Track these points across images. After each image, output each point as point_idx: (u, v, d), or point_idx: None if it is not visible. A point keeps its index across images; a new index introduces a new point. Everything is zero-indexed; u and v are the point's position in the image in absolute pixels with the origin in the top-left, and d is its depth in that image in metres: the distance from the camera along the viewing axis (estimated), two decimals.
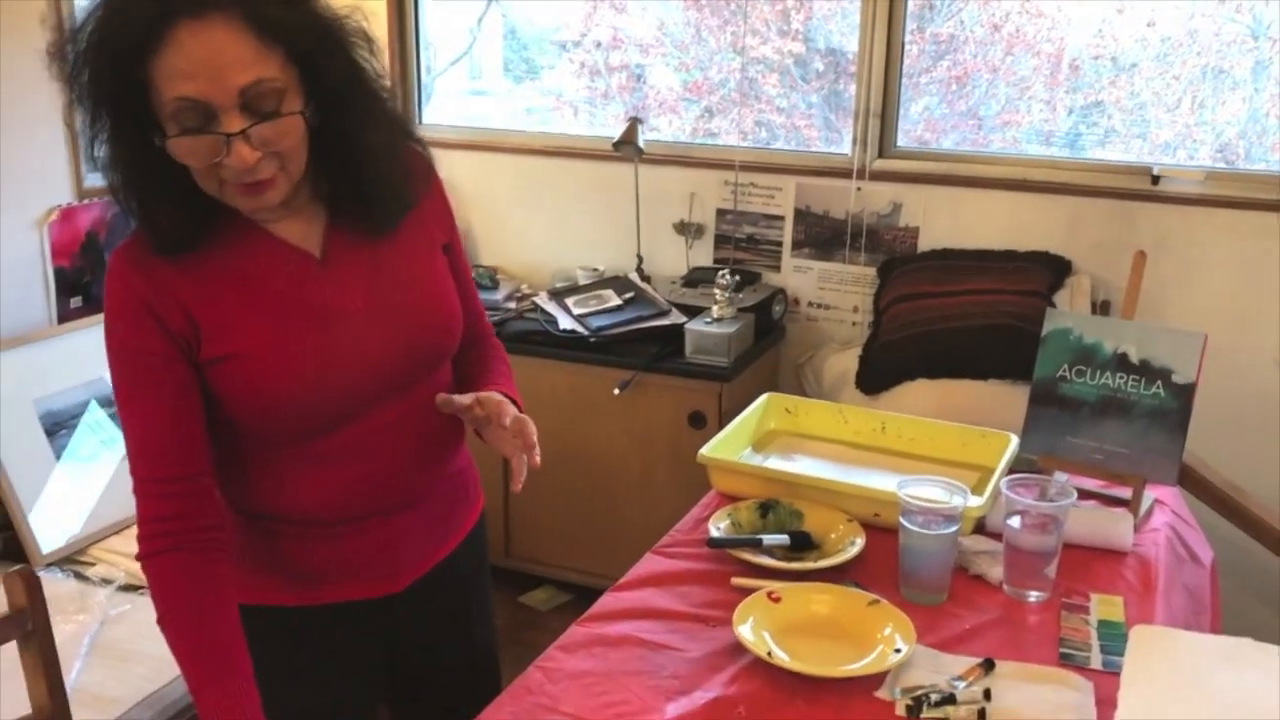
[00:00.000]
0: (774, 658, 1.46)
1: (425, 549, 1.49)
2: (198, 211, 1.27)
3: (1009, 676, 1.47)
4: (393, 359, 1.37)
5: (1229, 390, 2.89)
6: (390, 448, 1.39)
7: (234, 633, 1.29)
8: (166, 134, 1.19)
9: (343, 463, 1.37)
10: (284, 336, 1.31)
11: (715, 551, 1.77)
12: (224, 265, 1.31)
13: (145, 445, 1.29)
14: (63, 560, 2.55)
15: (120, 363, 1.29)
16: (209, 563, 1.30)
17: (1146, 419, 1.85)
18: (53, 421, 2.65)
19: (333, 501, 1.38)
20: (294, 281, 1.33)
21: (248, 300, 1.31)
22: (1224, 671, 1.37)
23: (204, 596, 1.29)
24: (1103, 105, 3.12)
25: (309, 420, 1.33)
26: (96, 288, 2.92)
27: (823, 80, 3.38)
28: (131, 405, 1.29)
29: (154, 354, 1.28)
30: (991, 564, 1.72)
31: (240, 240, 1.32)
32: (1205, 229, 2.90)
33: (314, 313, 1.33)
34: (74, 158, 2.82)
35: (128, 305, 1.27)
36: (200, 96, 1.17)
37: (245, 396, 1.30)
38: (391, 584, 1.46)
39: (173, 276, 1.28)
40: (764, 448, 2.12)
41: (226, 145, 1.19)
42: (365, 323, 1.35)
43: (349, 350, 1.33)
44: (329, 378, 1.32)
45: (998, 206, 3.08)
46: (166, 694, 2.16)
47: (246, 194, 1.25)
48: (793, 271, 3.33)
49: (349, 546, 1.41)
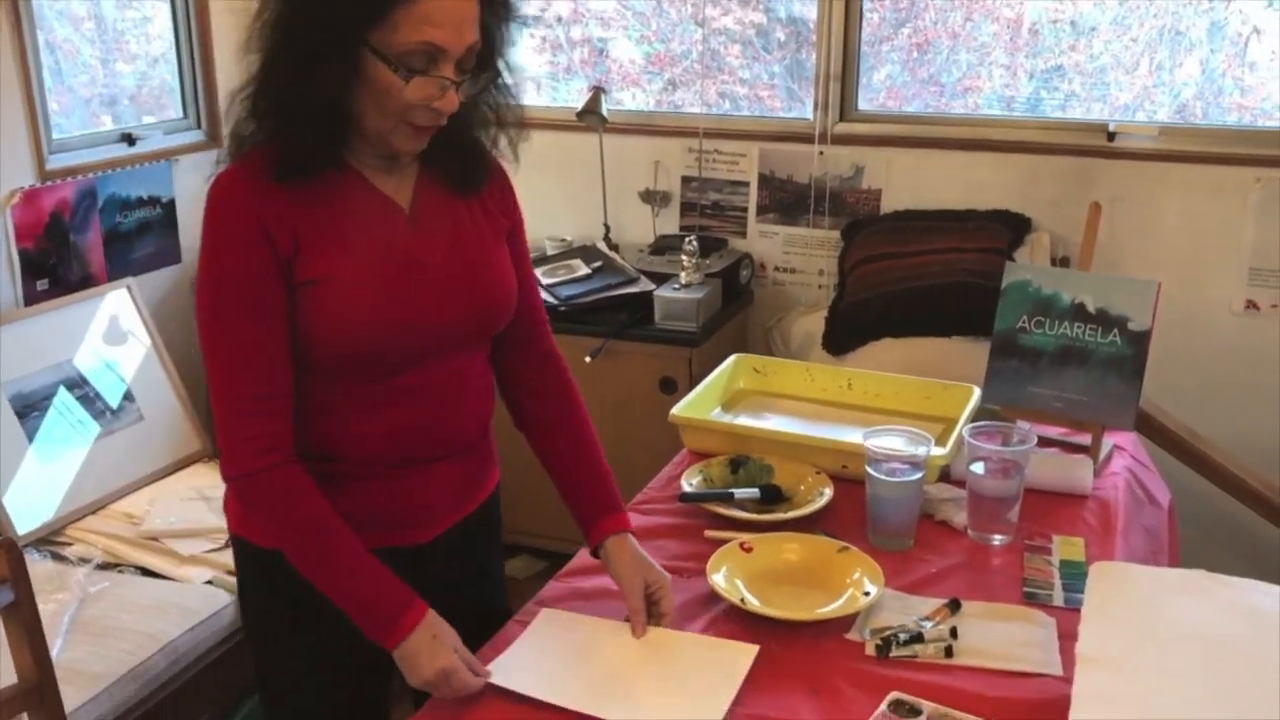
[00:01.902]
0: (747, 604, 1.50)
1: (454, 503, 1.55)
2: (331, 143, 1.36)
3: (974, 615, 1.52)
4: (458, 317, 1.45)
5: (1185, 341, 2.95)
6: (438, 400, 1.46)
7: (349, 531, 1.36)
8: (392, 68, 1.28)
9: (395, 408, 1.43)
10: (369, 275, 1.38)
11: (688, 506, 1.80)
12: (327, 202, 1.38)
13: (249, 362, 1.34)
14: (38, 541, 2.56)
15: (225, 281, 1.34)
16: (302, 472, 1.37)
17: (1104, 366, 1.90)
18: (23, 404, 2.65)
19: (380, 444, 1.44)
20: (384, 230, 1.41)
21: (343, 237, 1.38)
22: (1179, 601, 1.42)
23: (320, 505, 1.35)
24: (1063, 69, 3.16)
25: (375, 358, 1.40)
26: (63, 269, 2.91)
27: (785, 50, 3.40)
28: (234, 324, 1.34)
29: (262, 272, 1.33)
30: (956, 510, 1.77)
31: (342, 184, 1.39)
32: (1161, 184, 2.96)
33: (398, 261, 1.41)
34: (35, 139, 2.81)
35: (240, 224, 1.33)
36: (443, 45, 1.29)
37: (325, 323, 1.36)
38: (421, 533, 1.52)
39: (284, 199, 1.34)
40: (734, 407, 2.15)
41: (443, 90, 1.31)
42: (440, 280, 1.43)
43: (423, 301, 1.41)
44: (401, 322, 1.39)
45: (958, 167, 3.12)
46: (150, 667, 2.18)
47: (417, 136, 1.36)
48: (758, 237, 3.36)
49: (387, 492, 1.46)
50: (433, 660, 1.33)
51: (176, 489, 2.77)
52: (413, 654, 1.34)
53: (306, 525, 1.35)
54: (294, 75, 1.30)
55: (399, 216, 1.43)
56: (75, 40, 3.04)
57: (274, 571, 1.41)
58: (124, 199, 3.07)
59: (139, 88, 3.26)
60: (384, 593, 1.35)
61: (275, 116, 1.33)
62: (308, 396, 1.40)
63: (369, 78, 1.30)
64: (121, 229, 3.08)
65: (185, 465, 2.93)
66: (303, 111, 1.31)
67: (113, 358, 2.89)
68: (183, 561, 2.48)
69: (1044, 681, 1.38)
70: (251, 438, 1.34)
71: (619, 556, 1.51)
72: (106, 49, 3.14)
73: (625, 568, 1.49)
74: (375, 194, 1.41)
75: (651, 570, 1.51)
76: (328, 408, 1.41)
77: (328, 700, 1.52)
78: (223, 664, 2.33)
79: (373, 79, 1.30)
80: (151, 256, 3.19)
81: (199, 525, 2.58)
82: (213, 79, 3.33)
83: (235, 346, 1.34)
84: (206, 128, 3.36)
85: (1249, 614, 1.39)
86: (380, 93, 1.30)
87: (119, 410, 2.84)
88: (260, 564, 1.47)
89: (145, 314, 3.02)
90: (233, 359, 1.34)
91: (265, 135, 1.35)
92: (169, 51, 3.28)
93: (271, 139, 1.34)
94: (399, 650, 1.34)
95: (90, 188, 2.97)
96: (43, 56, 2.84)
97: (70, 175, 2.91)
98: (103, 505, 2.70)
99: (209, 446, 3.03)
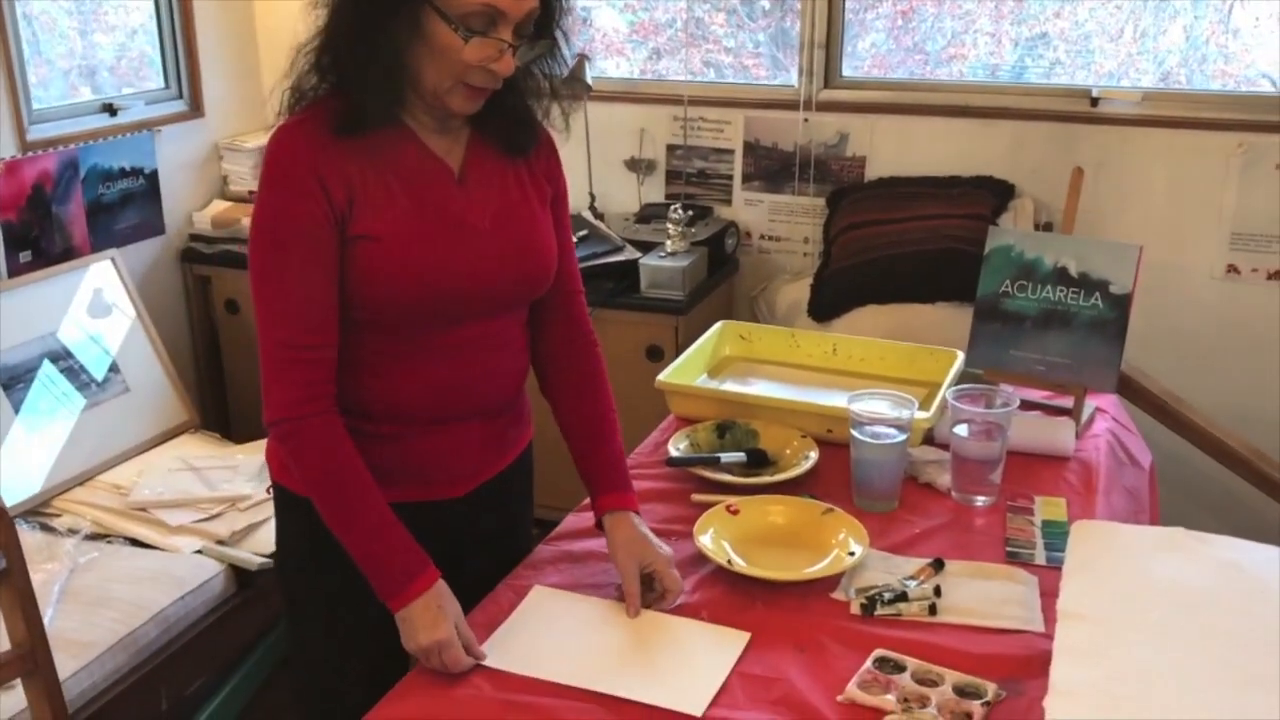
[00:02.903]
0: (733, 565, 1.52)
1: (488, 459, 1.58)
2: (391, 101, 1.39)
3: (958, 574, 1.54)
4: (500, 280, 1.48)
5: (1167, 305, 2.98)
6: (476, 359, 1.50)
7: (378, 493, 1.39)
8: (453, 27, 1.32)
9: (433, 366, 1.46)
10: (420, 233, 1.41)
11: (675, 471, 1.82)
12: (381, 160, 1.40)
13: (300, 310, 1.37)
14: (27, 513, 2.56)
15: (281, 229, 1.36)
16: (341, 425, 1.40)
17: (1086, 329, 1.92)
18: (8, 376, 2.64)
19: (418, 402, 1.47)
20: (436, 191, 1.44)
21: (394, 195, 1.41)
22: (1159, 558, 1.44)
23: (352, 458, 1.39)
24: (1047, 37, 3.16)
25: (417, 315, 1.43)
26: (45, 241, 2.89)
27: (769, 18, 3.39)
28: (285, 272, 1.36)
29: (316, 222, 1.36)
30: (940, 472, 1.79)
31: (397, 141, 1.42)
32: (1143, 149, 2.97)
33: (449, 222, 1.44)
34: (15, 110, 2.79)
35: (299, 175, 1.36)
36: (504, 8, 1.32)
37: (372, 279, 1.39)
38: (455, 488, 1.55)
39: (341, 154, 1.37)
40: (719, 373, 2.17)
41: (501, 53, 1.34)
42: (484, 243, 1.46)
43: (470, 262, 1.44)
44: (445, 282, 1.42)
45: (942, 134, 3.13)
46: (140, 636, 2.19)
47: (472, 97, 1.39)
48: (744, 205, 3.37)
49: (422, 449, 1.50)
50: (431, 630, 1.34)
51: (164, 460, 2.77)
52: (413, 619, 1.36)
53: (336, 477, 1.38)
54: (359, 31, 1.33)
55: (449, 177, 1.46)
56: (52, 11, 3.01)
57: (313, 522, 1.43)
58: (106, 170, 3.06)
59: (118, 59, 3.23)
60: (399, 554, 1.38)
61: (338, 71, 1.36)
62: (348, 352, 1.42)
63: (429, 36, 1.33)
64: (104, 200, 3.06)
65: (172, 436, 2.93)
66: (366, 67, 1.34)
67: (97, 330, 2.88)
68: (171, 531, 2.48)
69: (1026, 638, 1.40)
70: (296, 384, 1.37)
71: (614, 535, 1.52)
72: (84, 20, 3.11)
73: (619, 549, 1.50)
74: (427, 154, 1.44)
75: (648, 551, 1.49)
76: (367, 364, 1.44)
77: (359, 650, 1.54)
78: (213, 633, 2.34)
79: (433, 38, 1.33)
80: (135, 228, 3.17)
81: (187, 495, 2.59)
82: (194, 49, 3.31)
83: (286, 293, 1.36)
84: (189, 98, 3.34)
85: (1226, 569, 1.42)
86: (439, 52, 1.33)
87: (104, 382, 2.84)
88: (299, 512, 1.49)
89: (129, 285, 3.01)
90: (284, 305, 1.37)
91: (327, 89, 1.38)
92: (148, 22, 3.25)
93: (332, 94, 1.38)
94: (401, 613, 1.36)
95: (72, 159, 2.95)
96: (20, 28, 2.82)
97: (51, 146, 2.89)
98: (90, 477, 2.70)
99: (195, 417, 3.03)
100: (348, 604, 1.50)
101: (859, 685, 1.31)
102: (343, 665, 1.56)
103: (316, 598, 1.56)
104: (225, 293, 3.36)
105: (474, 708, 1.30)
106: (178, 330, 3.36)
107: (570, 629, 1.44)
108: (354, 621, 1.52)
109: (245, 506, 2.57)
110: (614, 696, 1.31)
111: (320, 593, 1.55)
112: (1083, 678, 1.22)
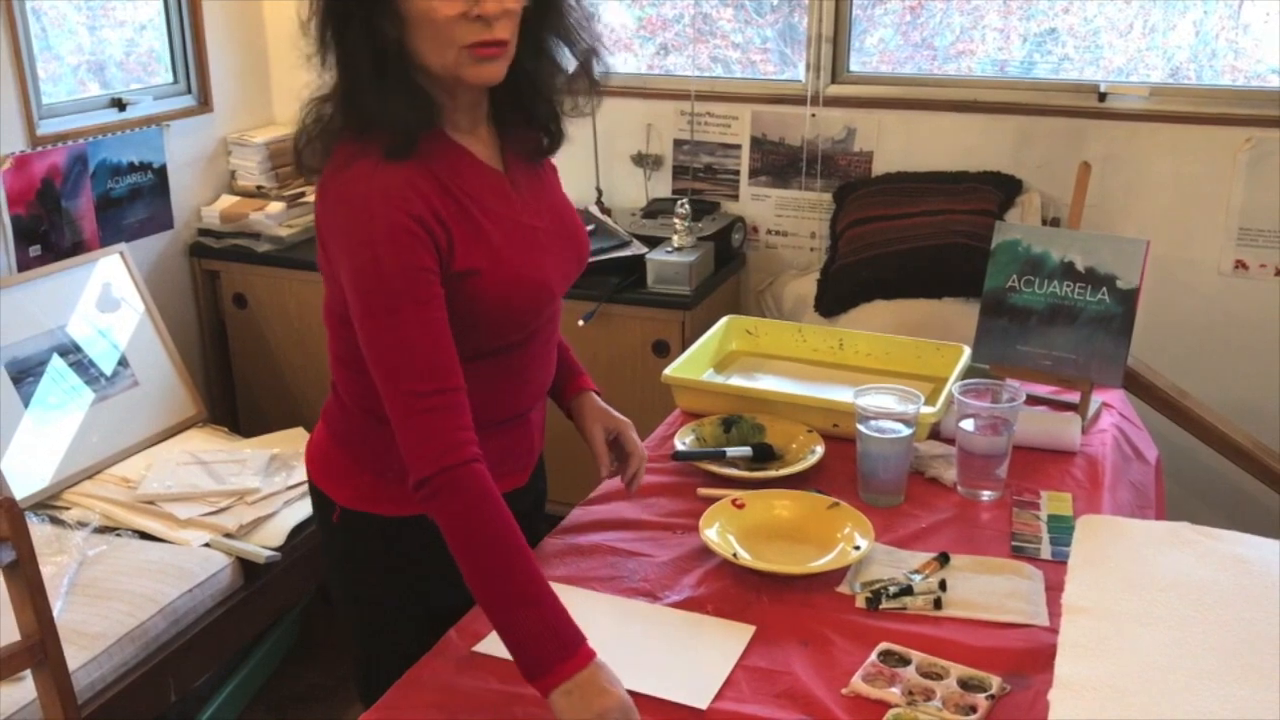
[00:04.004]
0: (739, 559, 1.52)
1: (540, 440, 1.63)
2: (423, 107, 1.34)
3: (963, 569, 1.54)
4: (568, 273, 1.51)
5: (1174, 301, 2.97)
6: (541, 356, 1.52)
7: (530, 552, 1.30)
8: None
9: (507, 372, 1.47)
10: (510, 251, 1.39)
11: (681, 465, 1.82)
12: (447, 181, 1.36)
13: (427, 359, 1.29)
14: (36, 506, 2.57)
15: (389, 285, 1.28)
16: (488, 474, 1.30)
17: (1092, 324, 1.92)
18: (17, 370, 2.66)
19: (493, 409, 1.46)
20: (500, 199, 1.42)
21: (479, 220, 1.38)
22: (1164, 552, 1.44)
23: (505, 513, 1.28)
24: (1056, 32, 3.16)
25: (520, 330, 1.44)
26: (54, 235, 2.90)
27: (778, 14, 3.39)
28: (404, 328, 1.28)
29: (426, 268, 1.30)
30: (946, 467, 1.79)
31: (446, 156, 1.38)
32: (1151, 144, 2.96)
33: (523, 231, 1.43)
34: (25, 105, 2.80)
35: (399, 220, 1.29)
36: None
37: (482, 312, 1.37)
38: (520, 476, 1.58)
39: (423, 186, 1.32)
40: (726, 368, 2.17)
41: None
42: (549, 241, 1.46)
43: (547, 264, 1.45)
44: (541, 290, 1.43)
45: (949, 129, 3.12)
46: (149, 628, 2.20)
47: (483, 56, 1.31)
48: (750, 200, 3.37)
49: (493, 447, 1.43)
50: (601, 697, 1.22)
51: (172, 453, 2.78)
52: (568, 702, 1.21)
53: (493, 540, 1.27)
54: (357, 53, 1.30)
55: (504, 185, 1.44)
56: (62, 7, 3.02)
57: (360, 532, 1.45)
58: (115, 165, 3.07)
59: (127, 54, 3.24)
60: (552, 626, 1.25)
61: (360, 99, 1.32)
62: None
63: (413, 17, 1.29)
64: (113, 195, 3.07)
65: (180, 430, 2.94)
66: (387, 97, 1.30)
67: (106, 324, 2.90)
68: (180, 525, 2.49)
69: (1031, 632, 1.41)
70: (447, 429, 1.28)
71: (580, 410, 1.63)
72: (93, 15, 3.12)
73: (585, 418, 1.62)
74: (476, 161, 1.42)
75: (611, 417, 1.62)
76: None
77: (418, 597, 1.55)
78: (221, 626, 2.36)
79: (414, 15, 1.29)
80: (144, 222, 3.18)
81: (195, 489, 2.60)
82: (202, 44, 3.31)
83: (409, 346, 1.29)
84: (197, 93, 3.35)
85: (1232, 564, 1.42)
86: (426, 25, 1.29)
87: (113, 376, 2.85)
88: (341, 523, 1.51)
89: (138, 280, 3.02)
90: (409, 358, 1.29)
91: (358, 126, 1.33)
92: (157, 17, 3.26)
93: (365, 129, 1.33)
94: (554, 695, 1.22)
95: (81, 154, 2.96)
96: (30, 23, 2.83)
97: (61, 140, 2.90)
98: (99, 470, 2.72)
99: (204, 411, 3.05)
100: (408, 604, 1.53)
101: (864, 678, 1.31)
102: (402, 613, 1.56)
103: (380, 553, 1.52)
104: (233, 287, 3.37)
105: (480, 699, 1.31)
106: (186, 324, 3.37)
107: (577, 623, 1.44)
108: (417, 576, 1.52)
109: (253, 500, 2.58)
110: None
111: (385, 549, 1.52)
112: (1087, 672, 1.22)
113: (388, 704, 1.32)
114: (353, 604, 1.60)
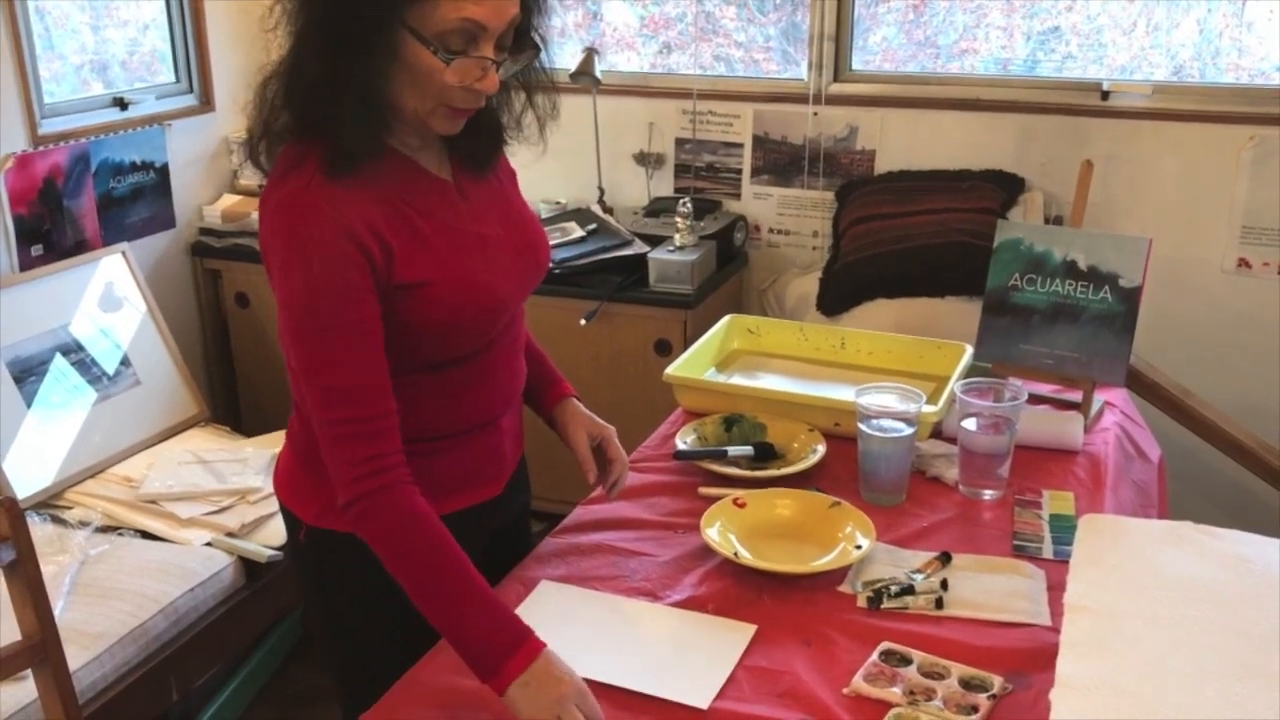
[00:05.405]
0: (740, 558, 1.52)
1: (514, 449, 1.59)
2: (376, 130, 1.30)
3: (965, 568, 1.54)
4: (524, 280, 1.48)
5: (1177, 299, 2.97)
6: (504, 364, 1.49)
7: (465, 558, 1.29)
8: (431, 49, 1.24)
9: (469, 382, 1.44)
10: (458, 262, 1.36)
11: (682, 464, 1.82)
12: (389, 193, 1.32)
13: (353, 384, 1.27)
14: (38, 505, 2.57)
15: (320, 308, 1.26)
16: (416, 494, 1.30)
17: (1095, 323, 1.92)
18: (20, 369, 2.66)
19: (456, 419, 1.45)
20: (448, 209, 1.39)
21: (423, 231, 1.34)
22: (1166, 552, 1.44)
23: (431, 529, 1.28)
24: (1059, 30, 3.15)
25: (476, 340, 1.40)
26: (56, 235, 2.91)
27: (780, 13, 3.38)
28: (334, 352, 1.27)
29: (360, 289, 1.27)
30: (948, 466, 1.78)
31: (391, 168, 1.34)
32: (1154, 143, 2.96)
33: (471, 239, 1.39)
34: (27, 104, 2.80)
35: (332, 241, 1.25)
36: (484, 21, 1.24)
37: (432, 324, 1.34)
38: (494, 486, 1.55)
39: (356, 202, 1.28)
40: (727, 367, 2.17)
41: (485, 71, 1.27)
42: (502, 250, 1.43)
43: (500, 274, 1.41)
44: (493, 298, 1.39)
45: (951, 127, 3.12)
46: (150, 628, 2.20)
47: (456, 116, 1.32)
48: (753, 198, 3.36)
49: (462, 458, 1.47)
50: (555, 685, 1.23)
51: (174, 453, 2.79)
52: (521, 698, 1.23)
53: (412, 556, 1.28)
54: (329, 64, 1.23)
55: (451, 191, 1.41)
56: (64, 7, 3.02)
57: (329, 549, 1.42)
58: (117, 164, 3.07)
59: (129, 54, 3.24)
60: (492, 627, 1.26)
61: (311, 108, 1.27)
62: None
63: (407, 61, 1.25)
64: (115, 194, 3.08)
65: (183, 429, 2.95)
66: (341, 101, 1.24)
67: (108, 323, 2.90)
68: (181, 524, 2.49)
69: (1032, 631, 1.40)
70: (356, 460, 1.27)
71: (563, 416, 1.62)
72: (96, 15, 3.12)
73: (568, 425, 1.61)
74: (423, 172, 1.38)
75: (594, 424, 1.61)
76: (405, 396, 1.35)
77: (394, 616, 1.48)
78: (222, 625, 2.36)
79: (411, 62, 1.24)
80: (146, 222, 3.19)
81: (197, 488, 2.60)
82: (205, 43, 3.32)
83: (339, 370, 1.27)
84: (199, 92, 3.35)
85: (1235, 564, 1.41)
86: (419, 76, 1.25)
87: (115, 376, 2.85)
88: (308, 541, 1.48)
89: (140, 279, 3.02)
90: (338, 382, 1.27)
91: (302, 129, 1.29)
92: (160, 17, 3.26)
93: (308, 133, 1.28)
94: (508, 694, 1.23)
95: (83, 153, 2.96)
96: (32, 23, 2.83)
97: (63, 140, 2.91)
98: (101, 469, 2.72)
99: (206, 410, 3.05)
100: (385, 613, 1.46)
101: (865, 678, 1.31)
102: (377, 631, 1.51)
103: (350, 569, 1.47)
104: (235, 286, 3.37)
105: (480, 699, 1.30)
106: (188, 323, 3.37)
107: (577, 623, 1.44)
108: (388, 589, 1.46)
109: (255, 499, 2.58)
110: (620, 689, 1.31)
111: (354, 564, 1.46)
112: (1089, 672, 1.22)
113: (388, 704, 1.32)
114: (327, 623, 1.55)
